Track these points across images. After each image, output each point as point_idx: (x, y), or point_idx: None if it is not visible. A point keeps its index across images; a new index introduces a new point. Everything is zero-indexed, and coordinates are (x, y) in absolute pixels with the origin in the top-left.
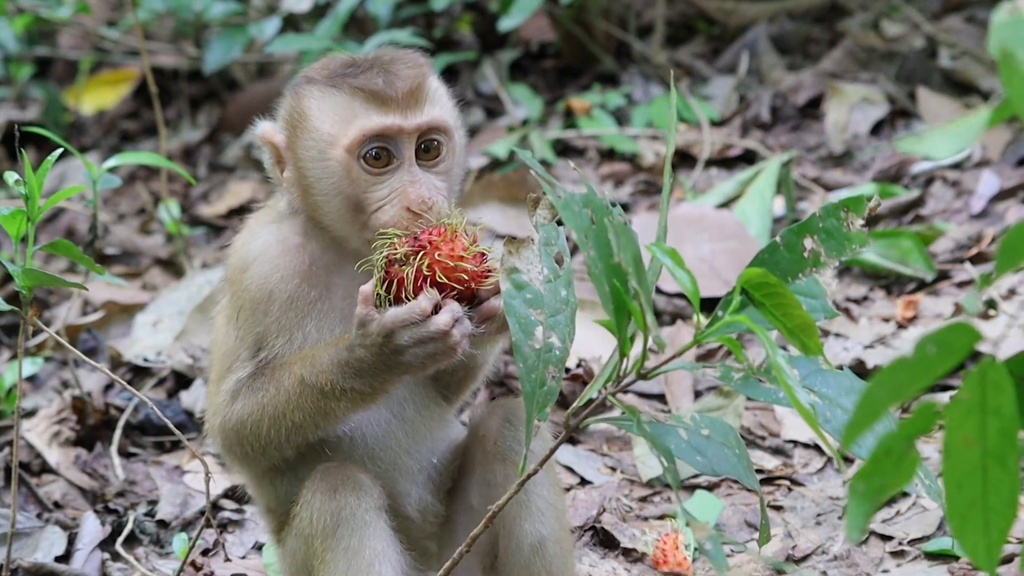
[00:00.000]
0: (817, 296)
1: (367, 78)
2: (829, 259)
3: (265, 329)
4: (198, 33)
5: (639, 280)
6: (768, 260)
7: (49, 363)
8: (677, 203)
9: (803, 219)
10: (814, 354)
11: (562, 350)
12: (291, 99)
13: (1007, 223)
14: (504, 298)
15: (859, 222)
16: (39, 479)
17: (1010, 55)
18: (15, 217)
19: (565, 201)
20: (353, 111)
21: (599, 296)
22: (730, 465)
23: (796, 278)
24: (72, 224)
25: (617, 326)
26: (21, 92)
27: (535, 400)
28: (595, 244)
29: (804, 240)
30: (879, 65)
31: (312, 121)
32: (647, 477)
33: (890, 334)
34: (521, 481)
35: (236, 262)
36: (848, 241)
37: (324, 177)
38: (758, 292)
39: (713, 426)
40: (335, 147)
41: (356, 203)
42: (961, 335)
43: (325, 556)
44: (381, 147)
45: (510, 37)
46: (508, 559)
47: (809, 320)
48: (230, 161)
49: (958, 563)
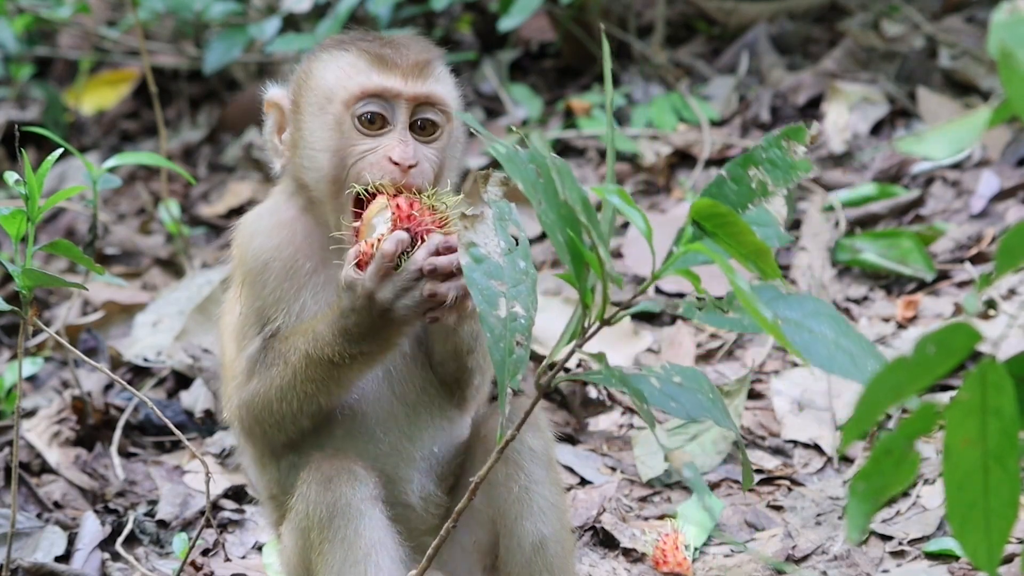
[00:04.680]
0: (769, 224)
1: (377, 44)
2: (776, 188)
3: (264, 302)
4: (198, 33)
5: (588, 217)
6: (717, 193)
7: (49, 363)
8: (677, 203)
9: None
10: (772, 277)
11: (527, 318)
12: (302, 64)
13: (1007, 223)
14: (465, 271)
15: (801, 150)
16: (39, 479)
17: (1010, 55)
18: (15, 217)
19: (509, 155)
20: (357, 68)
21: (554, 246)
22: (704, 409)
23: (745, 209)
24: (72, 224)
25: (576, 275)
26: (21, 92)
27: (506, 368)
28: (544, 196)
29: (750, 171)
30: (879, 65)
31: (316, 78)
32: (647, 477)
33: (890, 334)
34: (500, 449)
35: (239, 239)
36: (793, 169)
37: (317, 129)
38: (709, 223)
39: (684, 373)
40: (333, 101)
41: (341, 158)
42: (961, 335)
43: (322, 547)
44: (376, 110)
45: (510, 37)
46: (509, 558)
47: (763, 245)
48: (230, 161)
49: (958, 563)
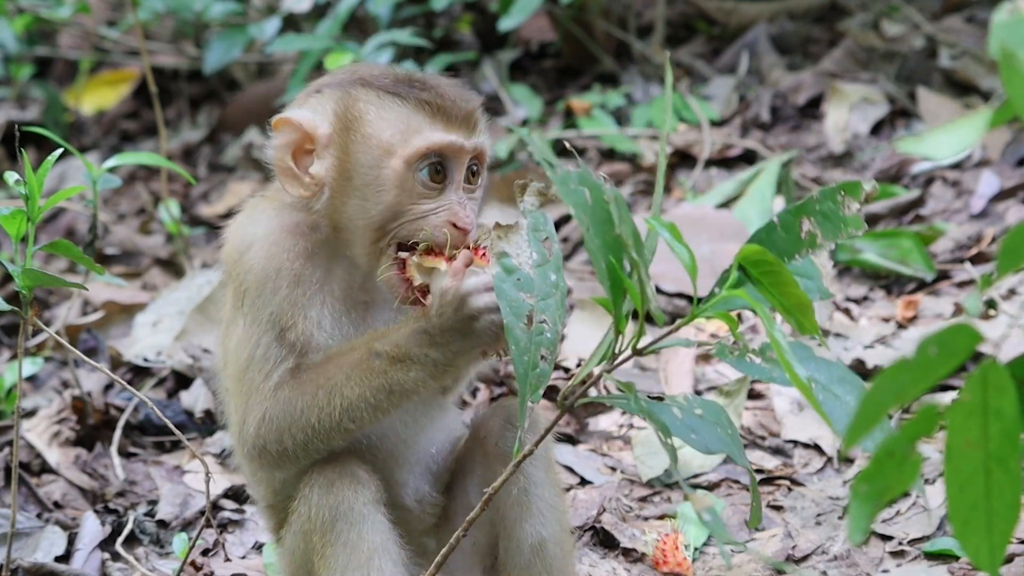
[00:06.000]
0: (813, 277)
1: (431, 93)
2: (825, 241)
3: (278, 308)
4: (198, 33)
5: (638, 251)
6: (765, 239)
7: (49, 363)
8: (677, 203)
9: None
10: (809, 333)
11: (553, 332)
12: (343, 98)
13: (1007, 223)
14: (495, 281)
15: (855, 206)
16: (39, 479)
17: (1011, 55)
18: (15, 217)
19: (562, 177)
20: (417, 124)
21: (596, 272)
22: (722, 443)
23: (792, 258)
24: (72, 224)
25: (612, 302)
26: (21, 92)
27: (528, 382)
28: (592, 220)
29: (801, 221)
30: (879, 65)
31: (369, 127)
32: (647, 477)
33: (890, 334)
34: (517, 461)
35: (234, 245)
36: (844, 224)
37: (372, 183)
38: (755, 269)
39: (706, 406)
40: (393, 156)
41: (397, 213)
42: (962, 336)
43: (325, 551)
44: (439, 164)
45: (510, 37)
46: (508, 560)
47: (806, 299)
48: (230, 161)
49: (958, 563)
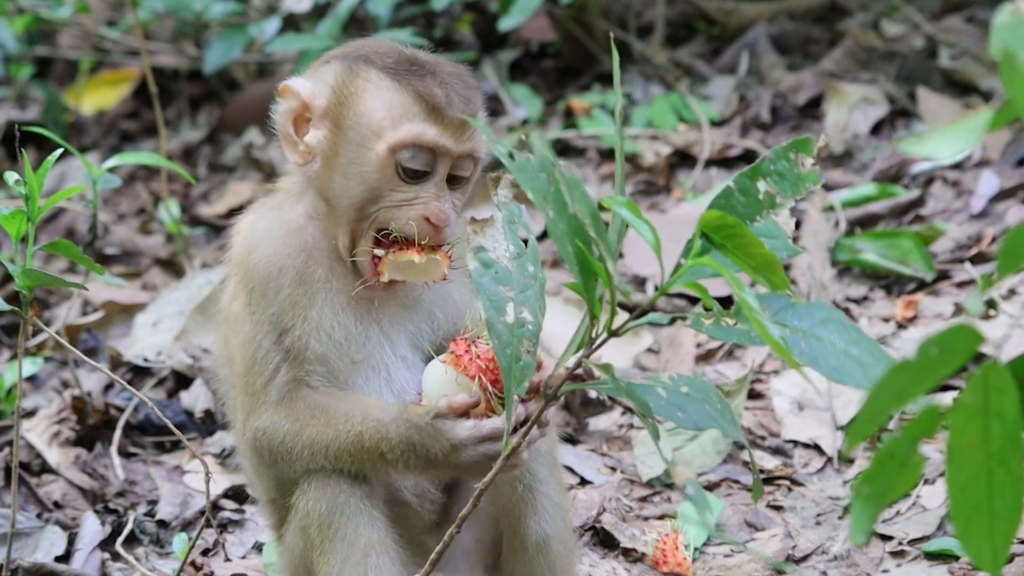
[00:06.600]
0: (777, 236)
1: (431, 85)
2: (784, 200)
3: (280, 309)
4: (198, 33)
5: (597, 230)
6: (724, 205)
7: (49, 363)
8: (677, 203)
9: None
10: (781, 289)
11: (534, 324)
12: (343, 72)
13: (1007, 223)
14: (473, 276)
15: (809, 161)
16: (39, 479)
17: (1012, 56)
18: (15, 217)
19: (520, 164)
20: (409, 113)
21: (563, 257)
22: (711, 419)
23: (754, 220)
24: (72, 224)
25: (584, 286)
26: (21, 92)
27: (512, 375)
28: (554, 205)
29: (758, 183)
30: (879, 65)
31: (363, 105)
32: (647, 477)
33: (890, 334)
34: (504, 456)
35: (241, 245)
36: (800, 180)
37: (355, 161)
38: (718, 235)
39: (693, 384)
40: (379, 139)
41: (376, 197)
42: (964, 337)
43: (323, 547)
44: (421, 167)
45: (510, 37)
46: (511, 557)
47: (772, 256)
48: (230, 161)
49: (958, 563)
